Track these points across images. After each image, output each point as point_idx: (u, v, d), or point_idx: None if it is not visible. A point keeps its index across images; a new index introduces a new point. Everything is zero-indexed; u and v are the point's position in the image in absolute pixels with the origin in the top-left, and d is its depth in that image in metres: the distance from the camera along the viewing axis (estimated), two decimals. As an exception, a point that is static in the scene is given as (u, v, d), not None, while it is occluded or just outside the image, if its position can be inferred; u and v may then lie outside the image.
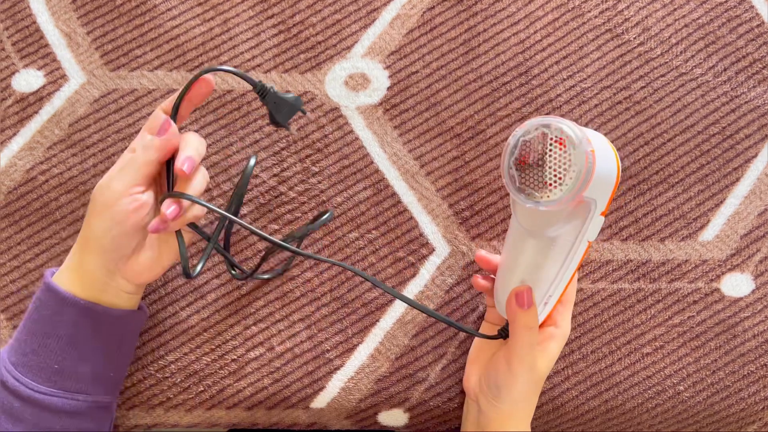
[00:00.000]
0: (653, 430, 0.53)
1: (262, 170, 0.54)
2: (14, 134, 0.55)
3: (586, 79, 0.56)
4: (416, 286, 0.53)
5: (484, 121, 0.55)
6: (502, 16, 0.57)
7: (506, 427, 0.45)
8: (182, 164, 0.42)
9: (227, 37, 0.56)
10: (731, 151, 0.55)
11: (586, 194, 0.39)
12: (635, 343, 0.53)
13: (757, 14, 0.57)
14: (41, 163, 0.54)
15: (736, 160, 0.55)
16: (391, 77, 0.56)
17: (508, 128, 0.55)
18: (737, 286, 0.54)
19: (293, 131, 0.46)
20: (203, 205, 0.42)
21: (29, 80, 0.55)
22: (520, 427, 0.46)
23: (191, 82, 0.43)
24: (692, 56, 0.57)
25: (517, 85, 0.56)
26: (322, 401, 0.52)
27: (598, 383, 0.52)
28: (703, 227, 0.54)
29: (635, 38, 0.57)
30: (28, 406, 0.43)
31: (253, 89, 0.44)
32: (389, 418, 0.52)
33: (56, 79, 0.55)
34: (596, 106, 0.56)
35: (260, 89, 0.44)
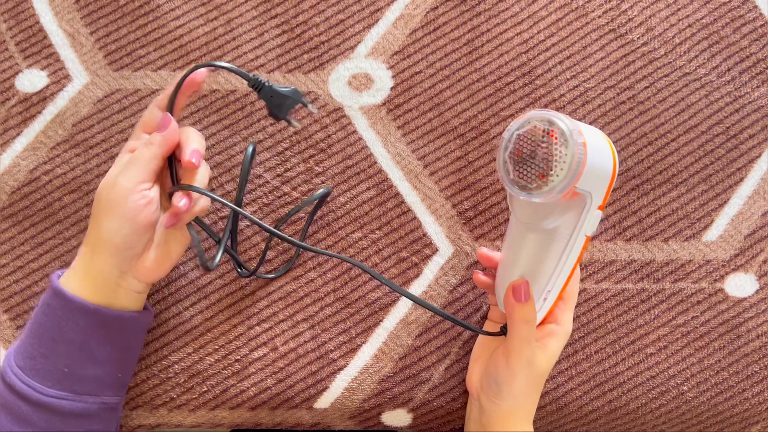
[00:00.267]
0: (657, 430, 0.53)
1: (265, 170, 0.54)
2: (18, 134, 0.55)
3: (589, 79, 0.56)
4: (420, 286, 0.53)
5: (487, 121, 0.55)
6: (505, 16, 0.57)
7: (508, 426, 0.45)
8: (191, 156, 0.42)
9: (230, 37, 0.56)
10: (735, 151, 0.55)
11: (579, 186, 0.39)
12: (639, 343, 0.53)
13: (760, 14, 0.57)
14: (45, 163, 0.54)
15: (739, 160, 0.55)
16: (394, 77, 0.56)
17: (511, 128, 0.55)
18: (741, 286, 0.54)
19: (296, 124, 0.45)
20: (212, 197, 0.42)
21: (33, 80, 0.56)
22: (521, 426, 0.46)
23: (186, 75, 0.43)
24: (696, 56, 0.57)
25: (520, 85, 0.56)
26: (325, 401, 0.52)
27: (601, 383, 0.52)
28: (706, 227, 0.54)
29: (639, 38, 0.57)
30: (36, 409, 0.43)
31: (248, 84, 0.43)
32: (393, 418, 0.52)
33: (60, 79, 0.55)
34: (600, 106, 0.56)
35: (254, 83, 0.43)
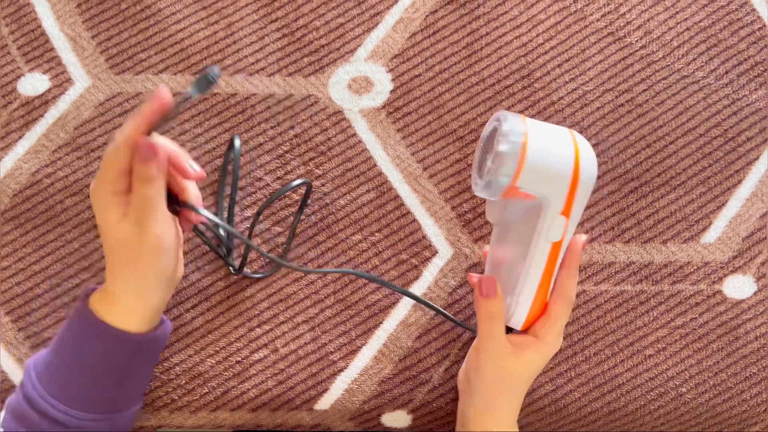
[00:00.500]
0: (656, 431, 0.53)
1: (265, 173, 0.55)
2: (20, 137, 0.55)
3: (588, 81, 0.56)
4: (419, 288, 0.54)
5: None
6: (504, 19, 0.57)
7: (481, 425, 0.45)
8: (197, 170, 0.44)
9: (231, 40, 0.57)
10: (733, 153, 0.56)
11: (524, 187, 0.40)
12: (638, 344, 0.53)
13: (758, 17, 0.57)
14: (46, 166, 0.55)
15: (737, 162, 0.55)
16: (394, 80, 0.56)
17: (510, 131, 0.56)
18: (739, 288, 0.54)
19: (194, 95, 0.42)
20: (224, 226, 0.44)
21: (35, 84, 0.56)
22: (498, 426, 0.45)
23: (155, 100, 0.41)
24: (694, 59, 0.57)
25: (519, 88, 0.56)
26: (325, 403, 0.52)
27: (600, 385, 0.53)
28: (705, 229, 0.55)
29: (637, 41, 0.57)
30: None
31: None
32: (393, 419, 0.53)
33: (61, 82, 0.56)
34: (598, 108, 0.56)
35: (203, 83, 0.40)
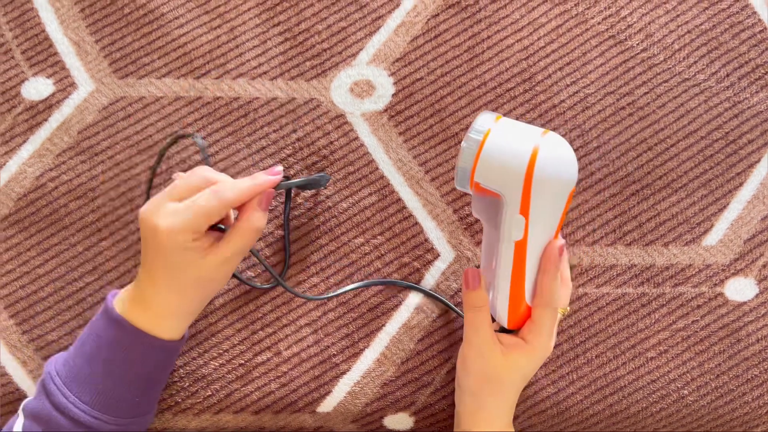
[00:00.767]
0: (658, 434, 0.53)
1: (268, 176, 0.55)
2: (24, 141, 0.55)
3: (589, 85, 0.57)
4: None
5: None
6: (505, 23, 0.57)
7: (474, 426, 0.46)
8: (274, 177, 0.45)
9: (234, 45, 0.57)
10: (734, 156, 0.56)
11: (484, 183, 0.41)
12: (639, 347, 0.53)
13: (759, 20, 0.58)
14: (51, 170, 0.55)
15: (739, 165, 0.56)
16: (395, 84, 0.57)
17: (512, 134, 0.56)
18: (741, 290, 0.54)
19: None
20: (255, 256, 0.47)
21: (39, 88, 0.56)
22: (492, 426, 0.46)
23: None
24: (695, 62, 0.57)
25: (521, 91, 0.56)
26: (328, 405, 0.52)
27: (602, 387, 0.53)
28: (706, 232, 0.55)
29: (638, 44, 0.57)
30: None
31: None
32: (395, 421, 0.53)
33: (65, 87, 0.56)
34: (600, 111, 0.56)
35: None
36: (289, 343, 0.53)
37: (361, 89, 0.56)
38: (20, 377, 0.52)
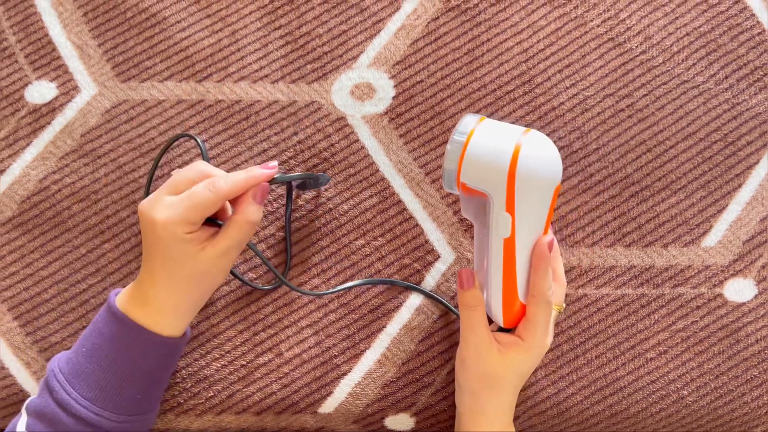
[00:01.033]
0: (657, 434, 0.53)
1: (270, 179, 0.55)
2: (27, 145, 0.56)
3: (588, 87, 0.57)
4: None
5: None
6: (505, 26, 0.58)
7: (474, 425, 0.46)
8: (269, 171, 0.46)
9: (235, 48, 0.57)
10: (733, 157, 0.56)
11: (471, 183, 0.42)
12: (639, 348, 0.53)
13: (758, 22, 0.58)
14: (54, 172, 0.55)
15: (738, 166, 0.56)
16: (396, 87, 0.57)
17: (512, 136, 0.56)
18: (740, 291, 0.54)
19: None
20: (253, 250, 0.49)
21: (42, 92, 0.57)
22: (492, 426, 0.46)
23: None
24: (694, 64, 0.57)
25: (520, 93, 0.57)
26: (329, 406, 0.52)
27: (602, 388, 0.53)
28: (705, 233, 0.55)
29: (637, 46, 0.58)
30: None
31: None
32: (396, 422, 0.53)
33: (68, 90, 0.57)
34: (599, 113, 0.56)
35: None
36: (290, 344, 0.53)
37: (361, 92, 0.57)
38: (24, 378, 0.52)
